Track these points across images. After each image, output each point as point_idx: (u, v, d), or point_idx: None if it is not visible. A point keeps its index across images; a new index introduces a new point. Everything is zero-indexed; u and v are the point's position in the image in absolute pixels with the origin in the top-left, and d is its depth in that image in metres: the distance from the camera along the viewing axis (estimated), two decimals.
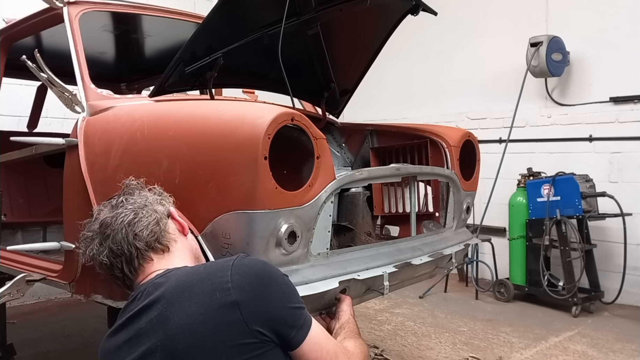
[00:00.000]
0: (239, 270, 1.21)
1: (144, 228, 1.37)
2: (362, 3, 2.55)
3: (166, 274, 1.31)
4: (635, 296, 4.61)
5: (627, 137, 4.68)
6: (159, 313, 1.18)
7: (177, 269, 1.32)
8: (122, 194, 1.47)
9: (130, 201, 1.42)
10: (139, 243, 1.36)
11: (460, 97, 5.87)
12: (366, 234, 2.66)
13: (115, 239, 1.36)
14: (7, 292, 2.29)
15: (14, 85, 3.84)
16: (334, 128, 3.26)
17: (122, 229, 1.36)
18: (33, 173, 3.65)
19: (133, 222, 1.37)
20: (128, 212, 1.39)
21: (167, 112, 2.04)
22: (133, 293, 1.32)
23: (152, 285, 1.27)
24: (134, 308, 1.25)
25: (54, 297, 4.95)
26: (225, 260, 1.27)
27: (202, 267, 1.30)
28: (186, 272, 1.28)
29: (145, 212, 1.40)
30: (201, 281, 1.20)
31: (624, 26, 4.70)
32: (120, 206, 1.42)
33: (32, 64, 2.23)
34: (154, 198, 1.47)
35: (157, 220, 1.40)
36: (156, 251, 1.38)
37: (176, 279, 1.25)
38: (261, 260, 1.32)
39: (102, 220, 1.41)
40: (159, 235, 1.39)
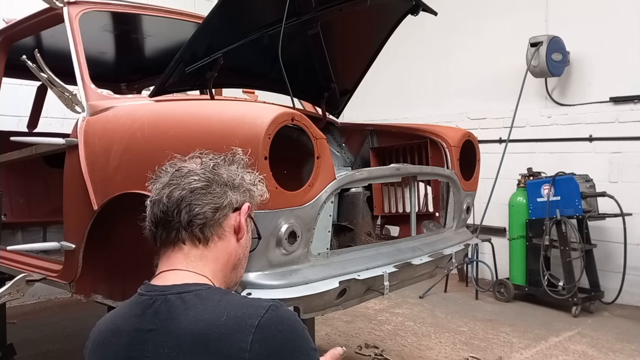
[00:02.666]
0: (263, 336, 1.00)
1: (201, 205, 1.15)
2: (362, 3, 2.55)
3: (186, 292, 1.09)
4: (635, 296, 4.61)
5: (627, 137, 4.68)
6: (167, 355, 1.03)
7: (199, 294, 1.09)
8: (223, 160, 1.24)
9: (220, 171, 1.20)
10: (184, 217, 1.15)
11: (460, 97, 5.87)
12: (366, 234, 2.66)
13: (173, 194, 1.16)
14: (7, 292, 2.30)
15: (14, 85, 3.83)
16: (334, 128, 3.26)
17: (185, 190, 1.16)
18: (33, 173, 3.65)
19: (197, 192, 1.16)
20: (203, 178, 1.17)
21: (167, 112, 2.04)
22: (145, 291, 1.16)
23: (166, 304, 1.09)
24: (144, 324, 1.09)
25: (54, 297, 4.95)
26: (253, 312, 1.03)
27: (226, 314, 1.03)
28: (207, 317, 1.04)
29: (218, 191, 1.18)
30: (219, 339, 1.00)
31: (624, 26, 4.70)
32: (208, 169, 1.20)
33: (32, 64, 2.23)
34: (243, 183, 1.23)
35: (219, 206, 1.17)
36: (192, 239, 1.16)
37: (195, 322, 1.03)
38: (293, 326, 1.05)
39: (181, 167, 1.21)
40: (207, 223, 1.16)
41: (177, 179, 1.18)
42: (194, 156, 1.25)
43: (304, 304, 1.78)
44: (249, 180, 1.26)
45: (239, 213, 1.21)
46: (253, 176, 1.28)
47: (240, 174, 1.24)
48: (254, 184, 1.27)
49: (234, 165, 1.25)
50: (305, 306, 1.80)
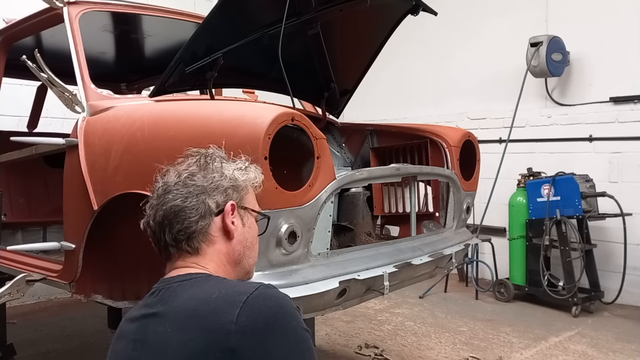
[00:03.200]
0: (250, 310, 1.03)
1: (180, 221, 1.19)
2: (362, 3, 2.55)
3: (187, 280, 1.16)
4: (635, 296, 4.61)
5: (627, 137, 4.68)
6: (163, 332, 1.09)
7: (198, 280, 1.15)
8: (198, 164, 1.24)
9: (195, 180, 1.21)
10: (168, 236, 1.20)
11: (460, 97, 5.87)
12: (366, 234, 2.66)
13: (156, 216, 1.21)
14: (7, 292, 2.29)
15: (14, 85, 3.84)
16: (334, 128, 3.26)
17: (163, 210, 1.20)
18: (33, 173, 3.65)
19: (174, 209, 1.19)
20: (178, 195, 1.19)
21: (167, 112, 2.04)
22: (156, 285, 1.21)
23: (168, 291, 1.15)
24: (149, 309, 1.16)
25: (54, 297, 4.95)
26: (243, 289, 1.07)
27: (217, 291, 1.08)
28: (200, 296, 1.10)
29: (195, 203, 1.19)
30: (208, 313, 1.05)
31: (624, 26, 4.70)
32: (182, 182, 1.21)
33: (32, 64, 2.23)
34: (221, 183, 1.23)
35: (198, 217, 1.19)
36: (183, 252, 1.21)
37: (188, 300, 1.10)
38: (281, 303, 1.08)
39: (164, 182, 1.23)
40: (191, 234, 1.19)
41: (159, 198, 1.22)
42: (178, 162, 1.27)
43: (304, 304, 1.78)
44: (230, 175, 1.25)
45: (224, 215, 1.22)
46: (234, 166, 1.28)
47: (218, 173, 1.23)
48: (237, 176, 1.26)
49: (212, 164, 1.24)
50: (305, 306, 1.80)
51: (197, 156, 1.26)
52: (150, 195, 1.26)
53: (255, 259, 1.34)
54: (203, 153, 1.27)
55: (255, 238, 1.32)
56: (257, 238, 1.33)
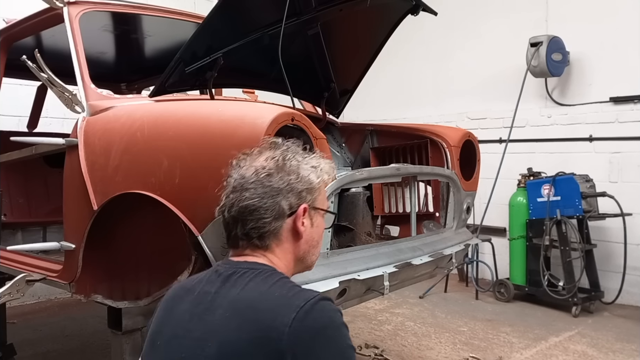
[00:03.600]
0: (305, 317, 1.07)
1: (254, 220, 1.23)
2: (362, 3, 2.55)
3: (253, 269, 1.20)
4: (635, 296, 4.61)
5: (627, 137, 4.68)
6: (219, 318, 1.14)
7: (263, 272, 1.19)
8: (276, 162, 1.26)
9: (272, 180, 1.23)
10: (241, 230, 1.24)
11: (460, 97, 5.87)
12: (366, 234, 2.66)
13: (231, 209, 1.24)
14: (7, 292, 2.29)
15: (14, 85, 3.83)
16: (334, 128, 3.26)
17: (239, 206, 1.23)
18: (33, 173, 3.65)
19: (250, 207, 1.22)
20: (255, 195, 1.22)
21: (167, 112, 2.04)
22: (220, 264, 1.27)
23: (234, 275, 1.19)
24: (211, 286, 1.20)
25: (54, 297, 4.95)
26: (303, 296, 1.12)
27: (279, 291, 1.13)
28: (262, 289, 1.15)
29: (270, 204, 1.22)
30: (266, 310, 1.10)
31: (624, 26, 4.70)
32: (259, 181, 1.23)
33: (32, 64, 2.23)
34: (297, 185, 1.26)
35: (271, 219, 1.23)
36: (253, 246, 1.25)
37: (251, 291, 1.15)
38: (333, 316, 1.12)
39: (241, 174, 1.25)
40: (264, 233, 1.24)
41: (235, 191, 1.25)
42: (254, 153, 1.29)
43: None
44: (306, 177, 1.28)
45: (295, 217, 1.26)
46: (309, 166, 1.30)
47: (294, 175, 1.26)
48: (312, 178, 1.29)
49: (289, 163, 1.27)
50: None
51: (274, 150, 1.29)
52: (225, 183, 1.29)
53: (318, 255, 1.39)
54: (281, 150, 1.29)
55: (321, 236, 1.36)
56: (322, 234, 1.37)
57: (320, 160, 1.35)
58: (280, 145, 1.32)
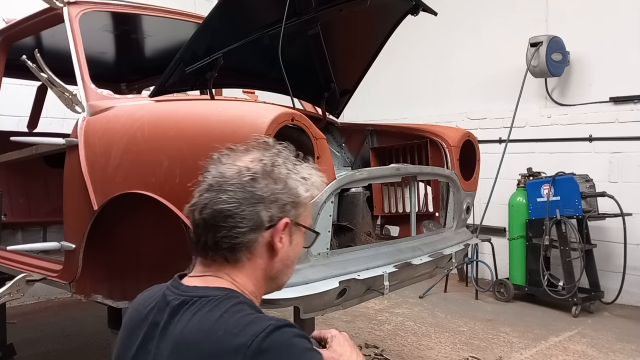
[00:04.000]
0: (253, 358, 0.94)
1: (227, 227, 1.07)
2: (362, 3, 2.55)
3: (201, 297, 1.05)
4: (635, 296, 4.61)
5: (627, 137, 4.68)
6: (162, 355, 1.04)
7: (213, 301, 1.04)
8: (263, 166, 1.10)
9: (256, 186, 1.08)
10: (210, 237, 1.08)
11: (460, 97, 5.87)
12: (366, 234, 2.66)
13: (203, 211, 1.08)
14: (7, 292, 2.30)
15: (14, 85, 3.83)
16: (334, 128, 3.26)
17: (213, 209, 1.07)
18: (33, 173, 3.65)
19: (225, 213, 1.06)
20: (235, 199, 1.06)
21: (168, 112, 2.04)
22: (174, 289, 1.11)
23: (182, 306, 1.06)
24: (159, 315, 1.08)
25: (54, 297, 4.95)
26: (250, 330, 0.97)
27: (224, 325, 0.99)
28: (205, 326, 1.00)
29: (249, 212, 1.07)
30: (211, 348, 0.97)
31: (623, 26, 4.70)
32: (241, 184, 1.07)
33: (32, 64, 2.23)
34: (283, 197, 1.11)
35: (249, 228, 1.07)
36: (221, 259, 1.10)
37: (193, 328, 1.01)
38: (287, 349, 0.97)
39: (220, 172, 1.10)
40: (235, 245, 1.08)
41: (211, 191, 1.09)
42: (239, 150, 1.14)
43: (304, 304, 1.78)
44: (293, 189, 1.13)
45: (274, 231, 1.10)
46: (299, 176, 1.15)
47: (281, 184, 1.11)
48: (300, 191, 1.14)
49: (278, 169, 1.12)
50: (305, 306, 1.80)
51: (263, 152, 1.14)
52: (200, 178, 1.13)
53: (291, 275, 1.23)
54: (271, 153, 1.14)
55: (297, 255, 1.20)
56: (299, 254, 1.21)
57: (313, 172, 1.19)
58: (271, 147, 1.16)
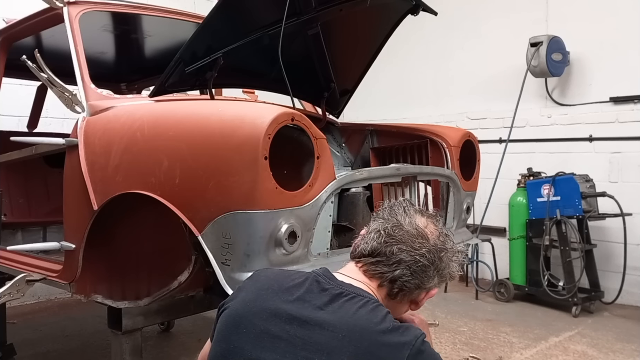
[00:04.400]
0: (416, 357, 1.13)
1: (412, 278, 1.29)
2: (362, 3, 2.55)
3: (359, 295, 1.22)
4: (635, 296, 4.61)
5: (627, 137, 4.68)
6: (329, 336, 1.14)
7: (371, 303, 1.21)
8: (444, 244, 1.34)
9: (441, 258, 1.33)
10: (395, 274, 1.29)
11: (460, 97, 5.87)
12: None
13: (400, 253, 1.29)
14: (7, 292, 2.29)
15: (14, 85, 3.83)
16: (334, 128, 3.26)
17: (411, 256, 1.29)
18: (33, 173, 3.65)
19: (418, 265, 1.29)
20: (429, 259, 1.30)
21: (167, 112, 2.04)
22: (323, 279, 1.25)
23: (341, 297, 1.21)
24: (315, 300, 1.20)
25: (54, 297, 4.95)
26: (412, 333, 1.17)
27: (392, 325, 1.17)
28: (375, 319, 1.17)
29: (430, 274, 1.31)
30: (384, 344, 1.14)
31: (624, 26, 4.70)
32: (436, 251, 1.32)
33: (32, 64, 2.23)
34: (444, 272, 1.36)
35: (423, 287, 1.33)
36: (386, 289, 1.30)
37: (365, 319, 1.17)
38: (433, 354, 1.19)
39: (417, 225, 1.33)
40: (405, 291, 1.31)
41: (409, 236, 1.30)
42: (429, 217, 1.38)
43: None
44: (452, 268, 1.37)
45: (426, 294, 1.36)
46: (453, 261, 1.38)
47: (448, 267, 1.35)
48: (454, 269, 1.38)
49: (448, 254, 1.35)
50: None
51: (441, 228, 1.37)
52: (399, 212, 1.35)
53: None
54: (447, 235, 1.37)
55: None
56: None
57: (459, 251, 1.42)
58: (439, 220, 1.40)
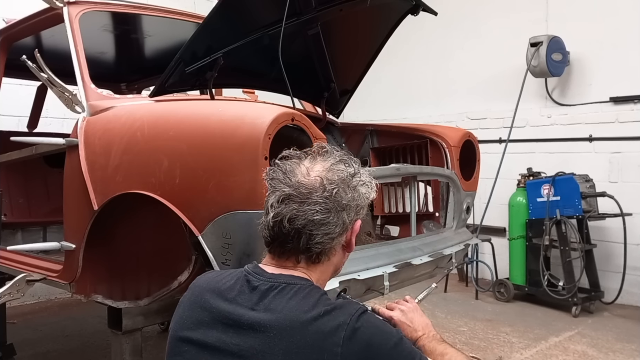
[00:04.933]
0: (352, 336, 1.09)
1: (320, 235, 1.20)
2: (362, 3, 2.55)
3: (291, 284, 1.18)
4: (635, 296, 4.60)
5: (627, 137, 4.68)
6: (264, 339, 1.12)
7: (302, 289, 1.17)
8: (344, 179, 1.24)
9: (339, 197, 1.21)
10: (303, 243, 1.20)
11: (460, 97, 5.87)
12: (366, 234, 2.66)
13: (295, 221, 1.18)
14: (7, 292, 2.29)
15: (14, 85, 3.83)
16: (334, 128, 3.26)
17: (305, 219, 1.18)
18: (33, 173, 3.64)
19: (317, 222, 1.19)
20: (324, 209, 1.19)
21: (168, 112, 2.04)
22: (253, 275, 1.22)
23: (271, 291, 1.17)
24: (247, 301, 1.17)
25: (54, 297, 4.95)
26: (346, 311, 1.13)
27: (324, 309, 1.12)
28: (307, 308, 1.13)
29: (336, 220, 1.21)
30: (316, 331, 1.10)
31: (624, 26, 4.70)
32: (330, 197, 1.19)
33: (32, 64, 2.23)
34: (359, 202, 1.26)
35: (336, 235, 1.22)
36: (306, 259, 1.23)
37: (295, 310, 1.13)
38: (375, 325, 1.16)
39: (301, 182, 1.20)
40: (326, 249, 1.23)
41: (297, 201, 1.19)
42: (313, 161, 1.26)
43: None
44: (363, 194, 1.27)
45: (351, 232, 1.27)
46: (364, 181, 1.29)
47: (357, 192, 1.25)
48: (367, 196, 1.28)
49: (353, 179, 1.26)
50: None
51: (331, 159, 1.27)
52: (268, 186, 1.24)
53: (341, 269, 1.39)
54: (343, 161, 1.28)
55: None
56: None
57: (367, 175, 1.33)
58: (330, 153, 1.30)
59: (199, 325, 1.20)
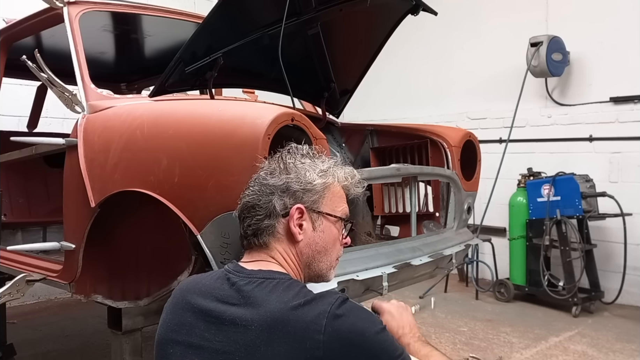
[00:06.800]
0: (334, 323, 1.11)
1: (250, 217, 1.29)
2: (362, 3, 2.55)
3: (270, 279, 1.20)
4: (635, 296, 4.60)
5: (627, 137, 4.68)
6: (246, 333, 1.13)
7: (282, 282, 1.20)
8: (279, 162, 1.31)
9: (269, 178, 1.28)
10: (241, 227, 1.32)
11: (460, 97, 5.87)
12: (366, 234, 2.66)
13: (239, 206, 1.34)
14: (7, 292, 2.29)
15: (14, 85, 3.83)
16: (334, 128, 3.25)
17: (240, 205, 1.32)
18: (33, 173, 3.64)
19: (247, 205, 1.29)
20: (252, 192, 1.29)
21: (167, 111, 2.04)
22: (232, 273, 1.25)
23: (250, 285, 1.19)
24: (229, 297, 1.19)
25: (54, 297, 4.95)
26: (326, 300, 1.15)
27: (304, 300, 1.14)
28: (287, 299, 1.15)
29: (264, 201, 1.27)
30: (298, 321, 1.11)
31: (624, 26, 4.70)
32: (260, 179, 1.30)
33: (32, 64, 2.23)
34: (294, 185, 1.28)
35: (265, 215, 1.27)
36: (254, 245, 1.30)
37: (275, 302, 1.14)
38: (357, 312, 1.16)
39: (255, 177, 1.33)
40: (257, 230, 1.28)
41: (245, 190, 1.33)
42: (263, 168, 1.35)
43: None
44: (306, 177, 1.29)
45: (289, 218, 1.27)
46: (315, 167, 1.31)
47: (293, 174, 1.28)
48: (313, 178, 1.29)
49: (292, 162, 1.30)
50: None
51: (285, 153, 1.34)
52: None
53: (330, 264, 1.38)
54: (286, 150, 1.34)
55: (330, 243, 1.34)
56: (334, 242, 1.36)
57: (336, 167, 1.36)
58: (291, 148, 1.36)
59: (182, 326, 1.21)
